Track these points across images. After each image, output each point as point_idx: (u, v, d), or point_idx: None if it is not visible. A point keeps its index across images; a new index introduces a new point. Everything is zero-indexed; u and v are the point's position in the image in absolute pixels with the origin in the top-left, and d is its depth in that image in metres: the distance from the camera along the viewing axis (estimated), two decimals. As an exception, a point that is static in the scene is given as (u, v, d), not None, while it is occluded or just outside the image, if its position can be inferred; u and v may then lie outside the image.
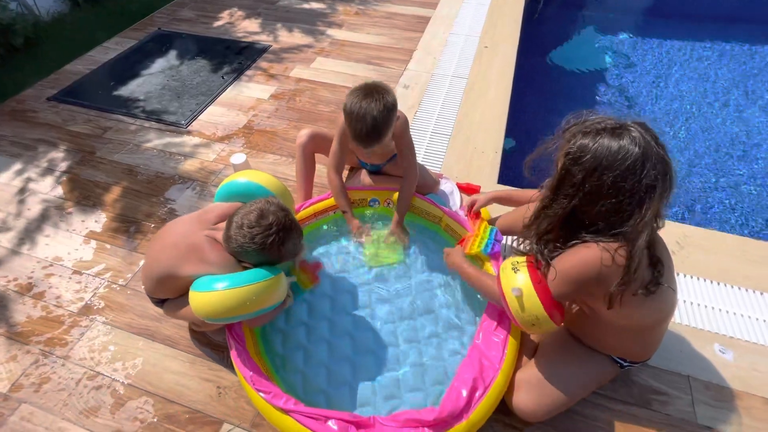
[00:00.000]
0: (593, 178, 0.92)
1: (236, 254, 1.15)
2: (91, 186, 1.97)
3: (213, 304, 1.08)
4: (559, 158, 1.00)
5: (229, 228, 1.12)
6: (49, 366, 1.38)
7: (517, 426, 1.21)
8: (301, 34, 3.02)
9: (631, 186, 0.90)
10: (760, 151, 2.60)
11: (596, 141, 0.92)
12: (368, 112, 1.28)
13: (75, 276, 1.62)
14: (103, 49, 2.87)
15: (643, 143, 0.89)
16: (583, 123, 0.97)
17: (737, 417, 1.23)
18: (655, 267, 0.98)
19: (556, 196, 1.00)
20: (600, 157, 0.91)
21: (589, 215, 0.97)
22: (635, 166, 0.89)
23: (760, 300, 1.50)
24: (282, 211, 1.13)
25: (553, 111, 2.99)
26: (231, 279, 1.09)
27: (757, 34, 3.56)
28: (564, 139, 0.99)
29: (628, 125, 0.92)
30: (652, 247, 1.00)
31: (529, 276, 1.06)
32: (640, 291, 0.96)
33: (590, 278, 0.97)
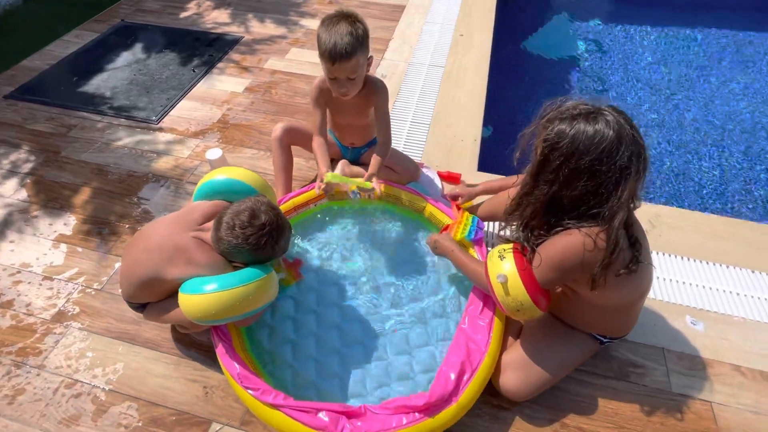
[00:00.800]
0: (571, 163, 0.94)
1: (227, 255, 1.12)
2: (57, 188, 1.87)
3: (205, 306, 1.06)
4: (538, 145, 1.01)
5: (219, 229, 1.09)
6: (23, 376, 1.32)
7: (504, 406, 1.25)
8: (273, 25, 2.95)
9: (607, 168, 0.92)
10: (729, 132, 2.71)
11: (572, 126, 0.94)
12: (338, 28, 1.32)
13: (46, 282, 1.55)
14: (63, 42, 2.72)
15: (617, 126, 0.92)
16: (559, 109, 0.99)
17: (709, 384, 1.30)
18: (634, 247, 1.02)
19: (537, 183, 1.02)
20: (577, 142, 0.93)
21: (569, 199, 0.99)
22: (610, 149, 0.91)
23: (726, 273, 1.58)
24: (273, 209, 1.13)
25: (527, 98, 3.03)
26: (222, 280, 1.07)
27: (722, 19, 3.69)
28: (541, 126, 1.01)
29: (602, 109, 0.95)
30: (630, 227, 1.03)
31: (515, 263, 1.08)
32: (622, 271, 0.99)
33: (574, 264, 1.00)
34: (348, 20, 1.34)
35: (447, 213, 1.55)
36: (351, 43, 1.31)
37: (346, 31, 1.31)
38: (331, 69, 1.36)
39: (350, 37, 1.31)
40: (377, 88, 1.51)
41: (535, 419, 1.23)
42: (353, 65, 1.35)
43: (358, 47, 1.33)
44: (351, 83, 1.41)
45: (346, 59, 1.32)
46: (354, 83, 1.41)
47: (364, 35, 1.36)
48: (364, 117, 1.60)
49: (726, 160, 2.54)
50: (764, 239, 1.69)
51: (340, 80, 1.39)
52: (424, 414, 1.07)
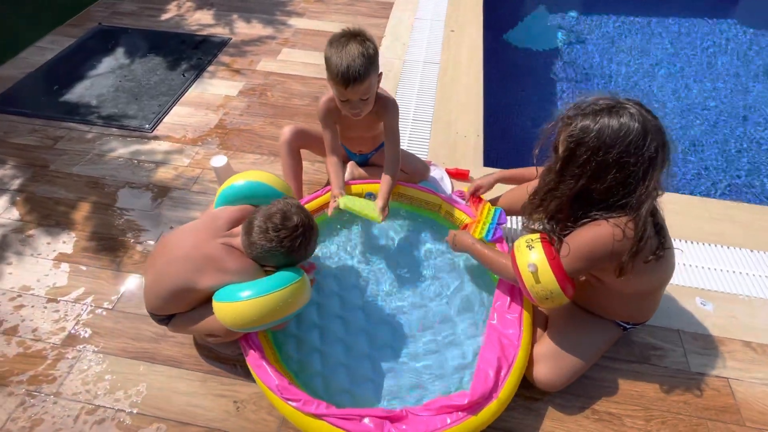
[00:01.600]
0: (598, 157, 0.96)
1: (260, 259, 1.12)
2: (50, 204, 1.78)
3: (243, 313, 1.05)
4: (561, 142, 1.03)
5: (251, 233, 1.08)
6: (39, 406, 1.25)
7: (536, 397, 1.27)
8: (260, 25, 2.87)
9: (635, 160, 0.95)
10: (711, 118, 2.83)
11: (597, 121, 0.96)
12: (348, 49, 1.27)
13: (51, 305, 1.47)
14: (38, 49, 2.57)
15: (641, 118, 0.95)
16: (580, 106, 1.01)
17: (723, 361, 1.36)
18: (659, 233, 1.05)
19: (563, 178, 1.04)
20: (603, 136, 0.95)
21: (596, 192, 1.01)
22: (637, 140, 0.94)
23: (727, 253, 1.65)
24: (303, 210, 1.12)
25: (514, 91, 3.08)
26: (257, 286, 1.06)
27: (693, 8, 3.85)
28: (564, 123, 1.03)
29: (624, 102, 0.97)
30: (655, 215, 1.07)
31: (544, 252, 1.09)
32: (651, 257, 1.02)
33: (604, 254, 1.02)
34: (357, 40, 1.29)
35: (462, 209, 1.56)
36: (364, 64, 1.27)
37: (358, 52, 1.26)
38: (344, 92, 1.33)
39: (362, 59, 1.26)
40: (388, 106, 1.48)
41: (566, 408, 1.26)
42: (366, 87, 1.32)
43: (370, 68, 1.30)
44: (364, 103, 1.38)
45: (359, 82, 1.29)
46: (367, 103, 1.39)
47: (374, 54, 1.31)
48: (373, 130, 1.59)
49: (711, 145, 2.66)
50: (758, 219, 1.78)
51: (352, 102, 1.36)
52: (467, 412, 1.08)
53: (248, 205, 1.25)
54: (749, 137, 2.68)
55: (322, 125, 1.52)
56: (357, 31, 1.33)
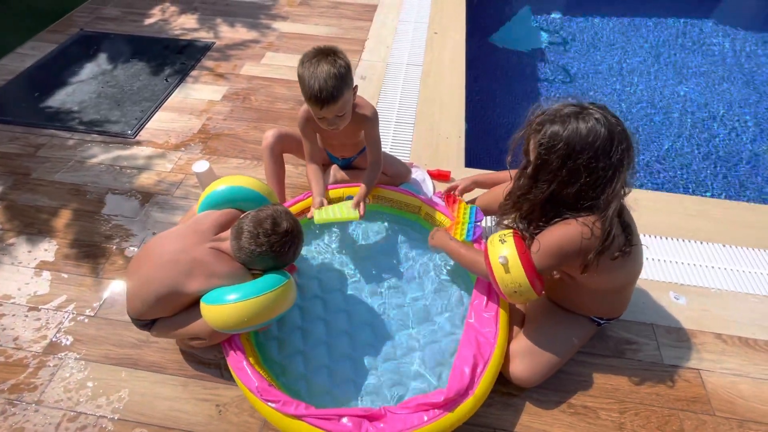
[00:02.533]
0: (569, 163, 1.00)
1: (248, 262, 1.15)
2: (32, 212, 1.77)
3: (232, 315, 1.08)
4: (532, 149, 1.07)
5: (240, 238, 1.11)
6: (20, 414, 1.25)
7: (513, 393, 1.30)
8: (244, 29, 2.88)
9: (604, 164, 0.98)
10: (690, 116, 2.90)
11: (565, 128, 0.99)
12: (319, 69, 1.27)
13: (32, 313, 1.47)
14: (18, 56, 2.56)
15: (607, 123, 0.98)
16: (547, 112, 1.04)
17: (696, 353, 1.40)
18: (626, 231, 1.09)
19: (535, 183, 1.07)
20: (572, 143, 0.98)
21: (567, 195, 1.05)
22: (605, 145, 0.97)
23: (700, 248, 1.70)
24: (291, 216, 1.17)
25: (497, 92, 3.12)
26: (246, 289, 1.09)
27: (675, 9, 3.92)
28: (533, 130, 1.06)
29: (588, 108, 1.00)
30: (622, 213, 1.10)
31: (515, 246, 1.12)
32: (617, 254, 1.06)
33: (572, 251, 1.06)
34: (328, 60, 1.29)
35: (442, 211, 1.59)
36: (335, 85, 1.27)
37: (329, 72, 1.26)
38: (319, 112, 1.35)
39: (334, 80, 1.27)
40: (367, 116, 1.48)
41: (543, 402, 1.29)
42: (340, 106, 1.34)
43: (343, 87, 1.31)
44: (340, 119, 1.39)
45: (333, 102, 1.30)
46: (343, 118, 1.40)
47: (346, 71, 1.31)
48: (355, 138, 1.61)
49: (697, 142, 2.72)
50: (730, 214, 1.83)
51: (328, 119, 1.38)
52: (444, 409, 1.10)
53: (232, 209, 1.28)
54: (726, 135, 2.75)
55: (302, 134, 1.54)
56: (328, 49, 1.32)
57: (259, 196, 1.30)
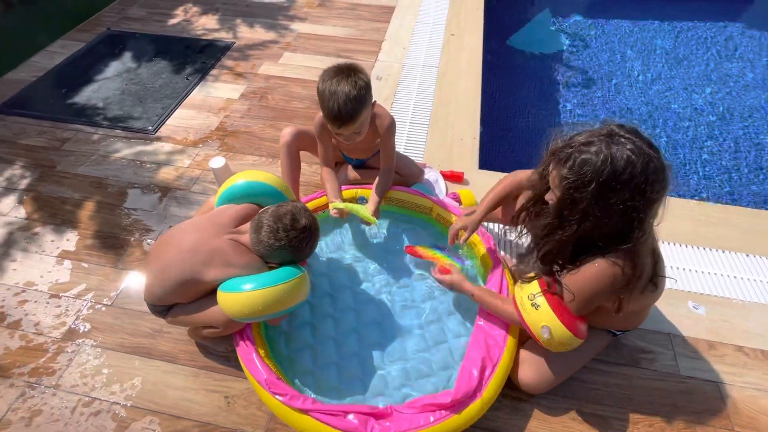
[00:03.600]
0: (600, 203, 0.89)
1: (266, 255, 1.19)
2: (57, 203, 1.84)
3: (247, 304, 1.11)
4: (557, 185, 0.95)
5: (260, 231, 1.15)
6: (39, 397, 1.30)
7: (522, 398, 1.28)
8: (263, 30, 2.93)
9: (640, 203, 0.88)
10: (714, 121, 2.81)
11: (596, 162, 0.86)
12: (339, 89, 1.28)
13: (53, 300, 1.52)
14: (48, 53, 2.66)
15: (642, 156, 0.85)
16: (574, 141, 0.92)
17: (715, 365, 1.36)
18: (655, 261, 1.03)
19: (560, 222, 0.97)
20: (604, 182, 0.87)
21: (595, 235, 0.95)
22: (639, 183, 0.86)
23: (722, 258, 1.64)
24: (310, 213, 1.20)
25: (514, 94, 3.09)
26: (262, 279, 1.13)
27: (699, 10, 3.82)
28: (558, 161, 0.94)
29: (621, 137, 0.88)
30: (652, 243, 1.03)
31: (551, 309, 1.05)
32: (650, 287, 1.02)
33: (607, 293, 1.00)
34: (348, 80, 1.29)
35: (453, 212, 1.57)
36: (354, 107, 1.29)
37: (349, 94, 1.27)
38: (337, 130, 1.36)
39: (353, 102, 1.28)
40: (384, 126, 1.48)
41: (552, 409, 1.27)
42: (358, 125, 1.35)
43: (362, 108, 1.31)
44: (356, 135, 1.41)
45: (351, 122, 1.32)
46: (360, 134, 1.41)
47: (366, 91, 1.32)
48: (370, 143, 1.62)
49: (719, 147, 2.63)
50: (755, 223, 1.77)
51: (345, 135, 1.39)
52: (450, 411, 1.09)
53: (250, 203, 1.31)
54: (751, 141, 2.66)
55: (318, 139, 1.55)
56: (348, 68, 1.33)
57: (276, 192, 1.33)
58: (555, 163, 0.94)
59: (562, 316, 1.04)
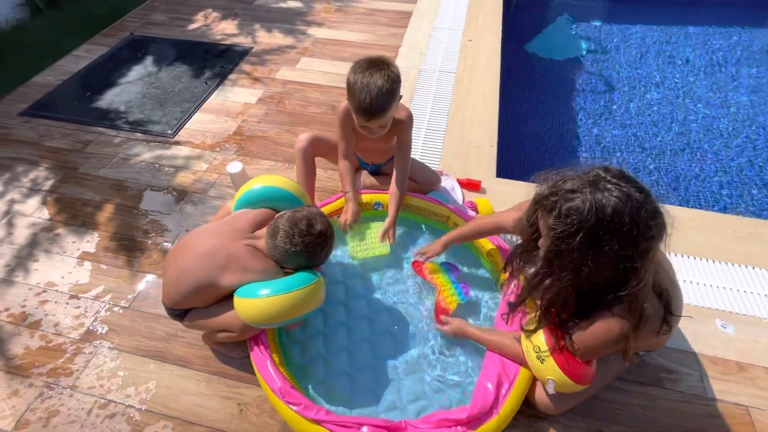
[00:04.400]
0: (592, 253, 0.85)
1: (281, 261, 1.19)
2: (78, 204, 1.87)
3: (263, 309, 1.11)
4: (545, 234, 0.92)
5: (276, 237, 1.16)
6: (56, 398, 1.31)
7: (540, 416, 1.24)
8: (281, 35, 2.95)
9: (632, 252, 0.84)
10: (740, 129, 2.72)
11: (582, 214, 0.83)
12: (372, 82, 1.28)
13: (72, 301, 1.55)
14: (74, 57, 2.73)
15: (630, 203, 0.81)
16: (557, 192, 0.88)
17: (745, 388, 1.29)
18: (666, 301, 0.99)
19: (552, 271, 0.93)
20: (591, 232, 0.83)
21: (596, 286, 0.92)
22: (629, 231, 0.82)
23: (753, 274, 1.58)
24: (326, 219, 1.20)
25: (533, 101, 3.04)
26: (278, 285, 1.13)
27: (722, 15, 3.72)
28: (544, 210, 0.90)
29: (607, 183, 0.83)
30: (657, 282, 0.98)
31: (557, 366, 1.03)
32: (664, 329, 0.98)
33: (614, 345, 0.98)
34: (381, 73, 1.29)
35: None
36: (386, 101, 1.30)
37: (381, 88, 1.27)
38: (365, 123, 1.37)
39: (385, 96, 1.28)
40: (401, 121, 1.48)
41: (571, 428, 1.22)
42: (387, 119, 1.36)
43: (392, 101, 1.33)
44: (381, 129, 1.41)
45: (381, 116, 1.33)
46: (385, 128, 1.42)
47: (397, 83, 1.33)
48: (388, 143, 1.61)
49: (741, 159, 2.54)
50: (787, 239, 1.69)
51: (371, 128, 1.39)
52: (467, 427, 1.07)
53: (266, 208, 1.31)
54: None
55: (340, 131, 1.55)
56: (381, 60, 1.33)
57: (292, 197, 1.33)
58: (541, 212, 0.91)
59: (568, 370, 1.02)
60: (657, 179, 2.45)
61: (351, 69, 1.34)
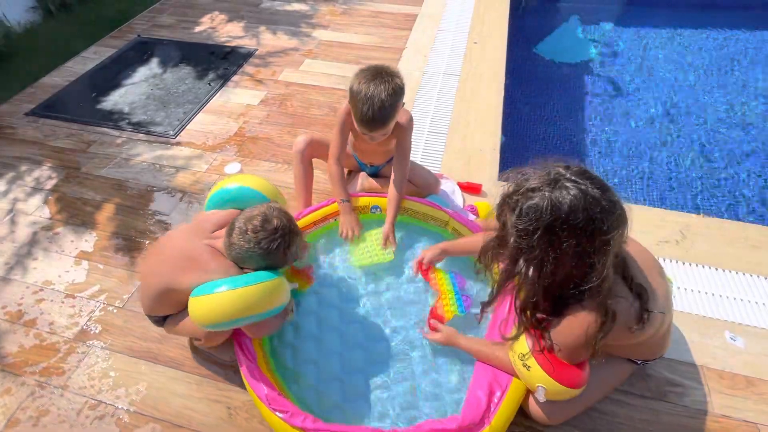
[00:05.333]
0: (551, 249, 0.86)
1: (238, 260, 1.13)
2: (79, 204, 1.88)
3: (215, 307, 1.05)
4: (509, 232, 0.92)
5: (231, 234, 1.11)
6: (47, 397, 1.31)
7: (538, 428, 1.20)
8: (286, 37, 2.96)
9: (590, 248, 0.84)
10: (750, 134, 2.64)
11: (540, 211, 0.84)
12: (376, 93, 1.27)
13: (68, 300, 1.55)
14: (81, 59, 2.77)
15: (586, 199, 0.82)
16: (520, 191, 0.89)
17: (754, 404, 1.23)
18: (641, 297, 0.96)
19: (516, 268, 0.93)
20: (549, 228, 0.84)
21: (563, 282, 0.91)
22: (586, 227, 0.83)
23: (764, 284, 1.51)
24: (285, 215, 1.13)
25: (540, 105, 3.00)
26: (232, 281, 1.07)
27: (732, 19, 3.63)
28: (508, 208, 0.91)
29: (567, 181, 0.85)
30: (630, 279, 0.96)
31: (543, 369, 1.01)
32: (635, 327, 0.94)
33: (591, 338, 0.94)
34: (385, 85, 1.28)
35: (470, 226, 1.51)
36: (389, 113, 1.31)
37: (385, 100, 1.27)
38: (367, 133, 1.37)
39: (388, 108, 1.29)
40: (400, 125, 1.46)
41: (570, 442, 1.18)
42: (388, 129, 1.36)
43: (394, 113, 1.33)
44: (383, 135, 1.40)
45: (382, 127, 1.33)
46: (386, 134, 1.41)
47: (401, 94, 1.33)
48: (387, 145, 1.59)
49: (751, 164, 2.46)
50: (802, 249, 1.62)
51: (372, 136, 1.39)
52: (457, 439, 1.03)
53: (236, 209, 1.27)
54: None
55: (338, 133, 1.52)
56: (386, 71, 1.31)
57: (263, 197, 1.28)
58: (507, 210, 0.92)
59: (554, 373, 1.00)
60: (665, 185, 2.39)
61: (355, 77, 1.33)
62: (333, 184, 1.55)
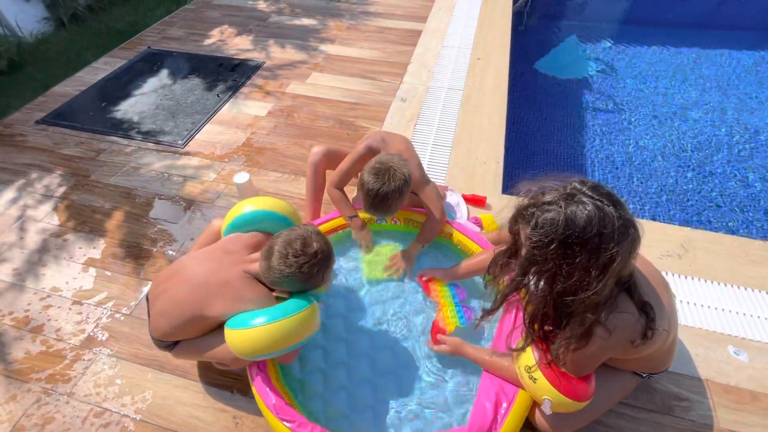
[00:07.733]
0: (566, 263, 0.87)
1: (276, 284, 1.12)
2: (87, 211, 1.90)
3: (254, 341, 1.06)
4: (523, 244, 0.94)
5: (270, 258, 1.09)
6: (53, 404, 1.31)
7: (543, 441, 1.20)
8: (294, 51, 3.02)
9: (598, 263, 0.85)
10: (751, 150, 2.68)
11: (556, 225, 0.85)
12: (383, 189, 1.33)
13: (75, 307, 1.55)
14: (92, 69, 2.82)
15: (601, 215, 0.83)
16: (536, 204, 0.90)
17: (760, 419, 1.24)
18: (647, 313, 0.96)
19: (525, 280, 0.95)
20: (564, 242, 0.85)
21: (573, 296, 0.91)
22: (597, 243, 0.84)
23: (767, 300, 1.52)
24: (322, 238, 1.13)
25: (541, 120, 3.05)
26: (268, 313, 1.07)
27: (730, 39, 3.72)
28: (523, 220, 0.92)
29: (583, 195, 0.85)
30: (636, 293, 0.97)
31: (549, 382, 1.01)
32: (637, 342, 0.95)
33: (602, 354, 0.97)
34: (392, 182, 1.33)
35: (473, 238, 1.53)
36: (394, 204, 1.37)
37: (390, 202, 1.34)
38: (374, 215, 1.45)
39: (395, 201, 1.36)
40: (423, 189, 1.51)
41: (576, 455, 1.18)
42: (393, 212, 1.44)
43: (400, 203, 1.39)
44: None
45: (388, 214, 1.43)
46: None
47: (407, 186, 1.37)
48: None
49: (752, 181, 2.50)
50: (803, 264, 1.64)
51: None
52: (465, 450, 1.03)
53: (258, 231, 1.27)
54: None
55: (350, 160, 1.54)
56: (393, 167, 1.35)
57: (284, 218, 1.29)
58: (521, 222, 0.93)
59: (560, 386, 1.00)
60: (666, 199, 2.42)
61: (364, 170, 1.38)
62: (337, 206, 1.58)
